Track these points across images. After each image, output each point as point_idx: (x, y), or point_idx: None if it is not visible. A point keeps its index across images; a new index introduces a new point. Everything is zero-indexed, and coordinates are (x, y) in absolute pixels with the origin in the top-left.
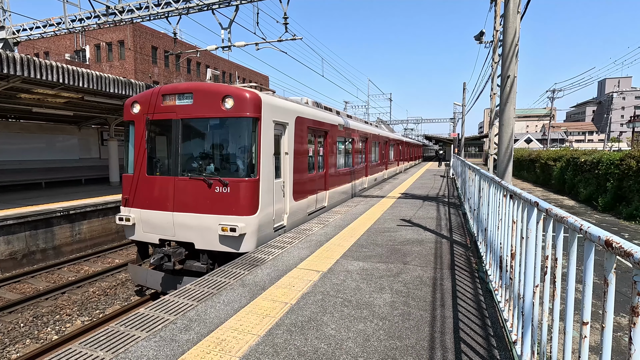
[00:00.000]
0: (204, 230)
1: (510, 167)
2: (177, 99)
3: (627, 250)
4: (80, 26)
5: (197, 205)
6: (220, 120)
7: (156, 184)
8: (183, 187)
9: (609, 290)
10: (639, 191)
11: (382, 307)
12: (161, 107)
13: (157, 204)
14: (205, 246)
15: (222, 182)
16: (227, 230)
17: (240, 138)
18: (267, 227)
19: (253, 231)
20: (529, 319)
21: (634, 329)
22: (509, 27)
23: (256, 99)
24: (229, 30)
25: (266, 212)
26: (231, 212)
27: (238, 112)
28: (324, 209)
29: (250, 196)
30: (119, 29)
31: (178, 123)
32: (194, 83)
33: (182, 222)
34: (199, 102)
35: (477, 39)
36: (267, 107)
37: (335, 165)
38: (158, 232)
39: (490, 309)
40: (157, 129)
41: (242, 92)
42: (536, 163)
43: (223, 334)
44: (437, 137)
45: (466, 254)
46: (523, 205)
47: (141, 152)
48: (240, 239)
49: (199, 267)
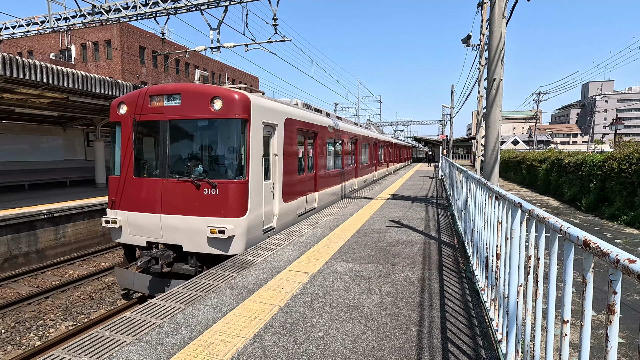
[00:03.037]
0: (192, 233)
1: (497, 168)
2: (164, 99)
3: (604, 250)
4: (65, 25)
5: (185, 207)
6: (208, 121)
7: (143, 186)
8: (171, 189)
9: (587, 289)
10: (621, 192)
11: (370, 308)
12: (148, 108)
13: (144, 206)
14: (193, 248)
15: (210, 184)
16: (215, 233)
17: (229, 139)
18: (256, 229)
19: (242, 233)
20: (514, 318)
21: (610, 326)
22: (494, 31)
23: (245, 100)
24: (217, 31)
25: (255, 214)
26: (220, 214)
27: (227, 114)
28: (314, 211)
29: (239, 198)
30: (106, 28)
31: (166, 124)
32: (182, 84)
33: (170, 224)
34: (187, 103)
35: (465, 42)
36: (256, 108)
37: (325, 167)
38: (145, 234)
39: (477, 308)
40: (145, 130)
41: (231, 93)
42: (522, 164)
43: (211, 337)
44: (426, 138)
45: (454, 254)
46: (507, 206)
47: (128, 154)
48: (229, 241)
49: (187, 269)
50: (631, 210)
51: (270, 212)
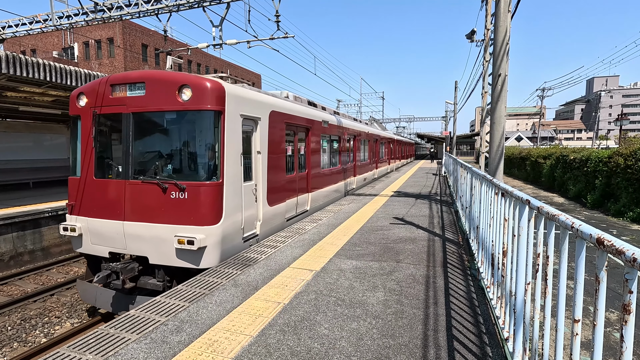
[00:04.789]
0: (158, 243)
1: (502, 165)
2: (127, 89)
3: (619, 248)
4: (67, 23)
5: (150, 214)
6: (176, 113)
7: (105, 189)
8: (135, 192)
9: (600, 288)
10: (627, 188)
11: (375, 306)
12: (110, 99)
13: (106, 211)
14: (160, 261)
15: (178, 187)
16: (184, 243)
17: (200, 135)
18: (235, 238)
19: (215, 243)
20: (521, 316)
21: (626, 326)
22: (499, 26)
23: (218, 89)
24: (220, 28)
25: (232, 220)
26: (189, 221)
27: (197, 105)
28: (306, 213)
29: (212, 203)
30: (108, 26)
31: (129, 117)
32: (147, 71)
33: (134, 232)
34: (153, 93)
35: (469, 38)
36: (232, 98)
37: (319, 165)
38: (108, 244)
39: (483, 306)
40: (106, 124)
41: (201, 81)
42: (526, 161)
43: (215, 334)
44: (429, 135)
45: (458, 251)
46: (514, 203)
47: (88, 152)
48: (200, 252)
49: (154, 284)
50: (637, 207)
51: (253, 218)
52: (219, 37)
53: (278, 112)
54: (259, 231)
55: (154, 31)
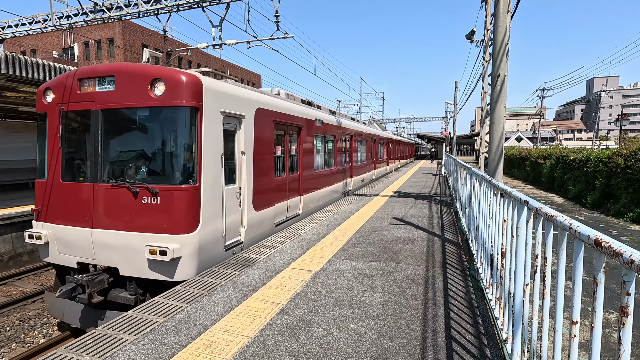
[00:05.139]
0: (129, 253)
1: (502, 165)
2: (97, 84)
3: (617, 249)
4: (67, 23)
5: (120, 220)
6: (149, 110)
7: (72, 193)
8: (103, 197)
9: (598, 289)
10: (627, 188)
11: (374, 307)
12: (78, 94)
13: (73, 218)
14: (131, 272)
15: (150, 191)
16: (156, 253)
17: (174, 133)
18: (214, 246)
19: (191, 253)
20: (519, 317)
21: (623, 329)
22: (499, 26)
23: (195, 83)
24: (219, 28)
25: (212, 227)
26: (162, 229)
27: (171, 100)
28: (298, 217)
29: (187, 208)
30: (108, 26)
31: (97, 115)
32: (117, 64)
33: (103, 241)
34: (123, 88)
35: (468, 38)
36: (211, 94)
37: (312, 167)
38: (76, 253)
39: (482, 307)
40: (74, 122)
41: (176, 74)
42: (526, 161)
43: (213, 335)
44: (430, 135)
45: (458, 252)
46: (513, 203)
47: (55, 153)
48: (174, 264)
49: (125, 298)
50: (637, 207)
51: (236, 224)
52: (219, 37)
53: (265, 109)
54: (243, 238)
55: (154, 31)
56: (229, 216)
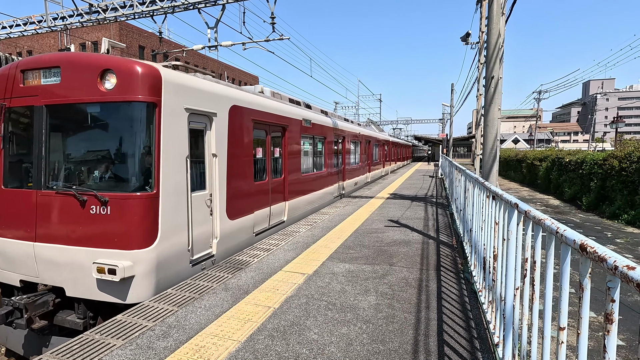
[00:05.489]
0: (76, 270)
1: (496, 167)
2: (42, 76)
3: (601, 255)
4: (62, 24)
5: (65, 233)
6: (99, 106)
7: (14, 201)
8: (47, 206)
9: (584, 295)
10: (622, 190)
11: (366, 310)
12: (21, 88)
13: (14, 229)
14: (79, 293)
15: (99, 199)
16: (104, 272)
17: (127, 133)
18: (178, 262)
19: (147, 271)
20: (510, 321)
21: (608, 336)
22: (492, 29)
23: (152, 76)
24: (215, 29)
25: (174, 240)
26: (113, 244)
27: (123, 94)
28: (283, 225)
29: (142, 219)
30: (105, 27)
31: (41, 111)
32: (64, 53)
33: (47, 257)
34: (70, 80)
35: (464, 40)
36: (173, 88)
37: (299, 170)
38: (18, 270)
39: (475, 310)
40: (17, 120)
41: (129, 64)
42: (523, 163)
43: (202, 340)
44: (427, 137)
45: (452, 254)
46: (504, 206)
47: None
48: (126, 284)
49: (72, 322)
50: (632, 209)
51: (206, 235)
52: (214, 38)
53: (242, 107)
54: (215, 251)
55: (151, 33)
56: (197, 227)
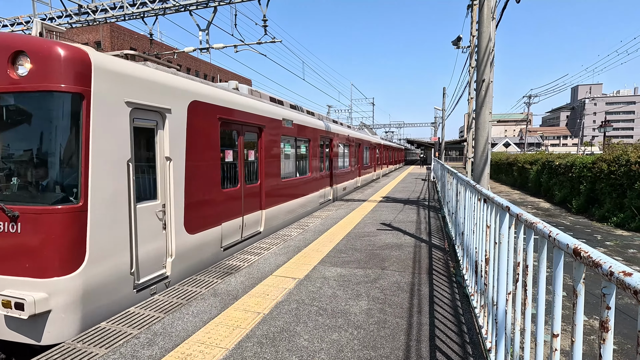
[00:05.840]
0: None
1: (487, 170)
2: None
3: (596, 260)
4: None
5: None
6: (11, 97)
7: None
8: None
9: (578, 301)
10: (611, 193)
11: (357, 315)
12: None
13: None
14: None
15: (6, 214)
16: (9, 307)
17: (45, 131)
18: (117, 289)
19: (70, 304)
20: (502, 326)
21: (604, 345)
22: (483, 32)
23: (78, 60)
24: (207, 32)
25: (110, 263)
26: (23, 270)
27: (40, 83)
28: (259, 236)
29: (62, 239)
30: (96, 29)
31: None
32: None
33: None
34: None
35: (455, 44)
36: (107, 76)
37: (278, 175)
38: None
39: (467, 314)
40: None
41: (47, 45)
42: (514, 166)
43: (189, 348)
44: (419, 141)
45: (444, 258)
46: (496, 209)
47: None
48: (39, 321)
49: None
50: (621, 212)
51: (157, 253)
52: (206, 41)
53: (205, 103)
54: (170, 271)
55: (142, 35)
56: (145, 244)
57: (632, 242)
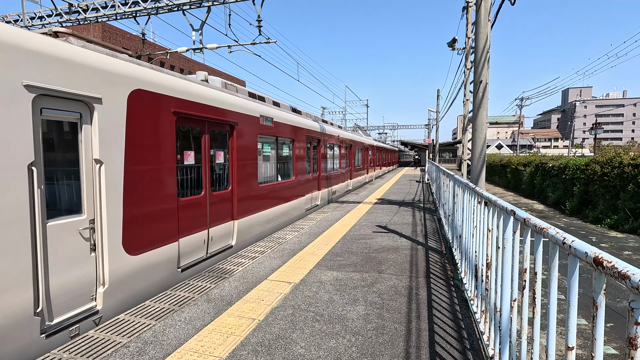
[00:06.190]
0: None
1: (484, 172)
2: None
3: (622, 271)
4: (40, 24)
5: None
6: None
7: None
8: None
9: (598, 314)
10: (604, 195)
11: (355, 321)
12: None
13: None
14: None
15: None
16: None
17: None
18: (13, 338)
19: None
20: (507, 334)
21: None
22: (480, 33)
23: None
24: (200, 32)
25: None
26: None
27: None
28: (230, 250)
29: None
30: (88, 29)
31: None
32: None
33: None
34: None
35: (450, 46)
36: None
37: (254, 179)
38: None
39: (467, 319)
40: None
41: None
42: (507, 168)
43: (181, 357)
44: (413, 142)
45: (441, 260)
46: (499, 213)
47: None
48: None
49: None
50: (614, 214)
51: (81, 283)
52: (200, 41)
53: (154, 93)
54: (101, 305)
55: (135, 35)
56: (59, 274)
57: (626, 243)
